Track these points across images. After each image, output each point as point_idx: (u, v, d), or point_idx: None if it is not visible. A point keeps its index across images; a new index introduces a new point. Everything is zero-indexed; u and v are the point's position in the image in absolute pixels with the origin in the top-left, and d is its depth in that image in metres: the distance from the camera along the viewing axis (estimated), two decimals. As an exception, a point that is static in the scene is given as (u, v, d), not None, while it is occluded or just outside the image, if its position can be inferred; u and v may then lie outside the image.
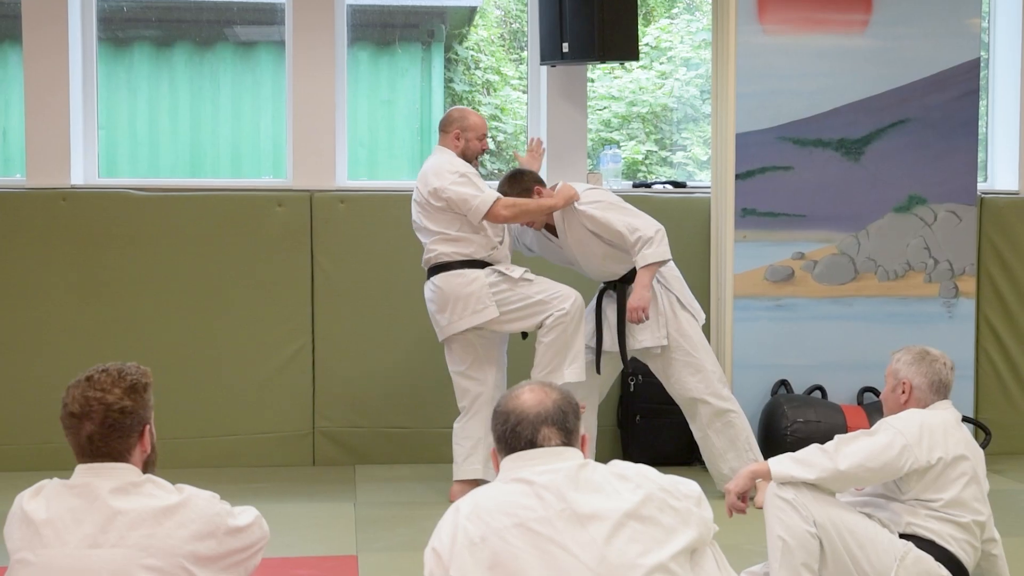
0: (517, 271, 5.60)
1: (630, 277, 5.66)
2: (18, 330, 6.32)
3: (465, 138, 5.75)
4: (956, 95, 6.51)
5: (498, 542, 2.52)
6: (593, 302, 5.83)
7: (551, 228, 5.79)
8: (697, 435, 5.78)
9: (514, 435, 2.63)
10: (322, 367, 6.49)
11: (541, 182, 5.75)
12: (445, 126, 5.78)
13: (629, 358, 5.77)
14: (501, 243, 5.67)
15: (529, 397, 2.66)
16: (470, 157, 5.75)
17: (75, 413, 2.71)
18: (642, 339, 5.67)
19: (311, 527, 5.28)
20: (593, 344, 5.76)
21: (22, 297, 6.31)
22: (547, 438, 2.62)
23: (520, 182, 5.71)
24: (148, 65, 7.13)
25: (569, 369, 5.55)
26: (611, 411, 6.56)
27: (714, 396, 5.69)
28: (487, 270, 5.57)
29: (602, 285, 5.87)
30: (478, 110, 7.60)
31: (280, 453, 6.47)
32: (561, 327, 5.52)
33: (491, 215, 5.52)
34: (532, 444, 2.63)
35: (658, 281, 5.67)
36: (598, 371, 5.79)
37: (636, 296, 5.56)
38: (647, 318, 5.58)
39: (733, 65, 6.32)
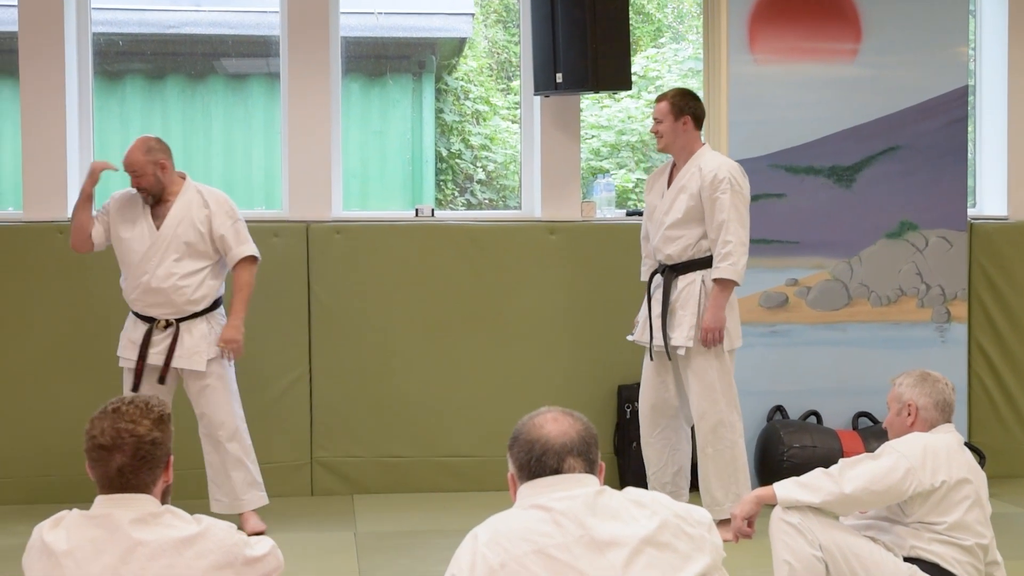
0: None
1: (680, 267, 5.54)
2: (13, 363, 6.30)
3: None
4: (945, 122, 6.59)
5: (518, 568, 2.52)
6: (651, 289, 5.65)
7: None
8: (699, 456, 5.62)
9: (539, 464, 2.63)
10: (319, 397, 6.49)
11: None
12: None
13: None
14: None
15: (554, 428, 2.66)
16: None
17: (105, 445, 2.70)
18: (673, 336, 5.50)
19: (313, 557, 5.27)
20: (646, 338, 5.61)
21: (18, 330, 6.30)
22: (572, 468, 2.63)
23: None
24: (141, 98, 7.15)
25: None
26: (608, 438, 6.58)
27: (731, 414, 5.57)
28: None
29: (650, 278, 5.68)
30: (468, 140, 7.63)
31: (278, 483, 6.43)
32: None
33: None
34: (557, 474, 2.63)
35: (703, 283, 5.50)
36: (668, 357, 5.60)
37: (711, 316, 5.40)
38: (720, 341, 5.42)
39: (725, 94, 6.38)
